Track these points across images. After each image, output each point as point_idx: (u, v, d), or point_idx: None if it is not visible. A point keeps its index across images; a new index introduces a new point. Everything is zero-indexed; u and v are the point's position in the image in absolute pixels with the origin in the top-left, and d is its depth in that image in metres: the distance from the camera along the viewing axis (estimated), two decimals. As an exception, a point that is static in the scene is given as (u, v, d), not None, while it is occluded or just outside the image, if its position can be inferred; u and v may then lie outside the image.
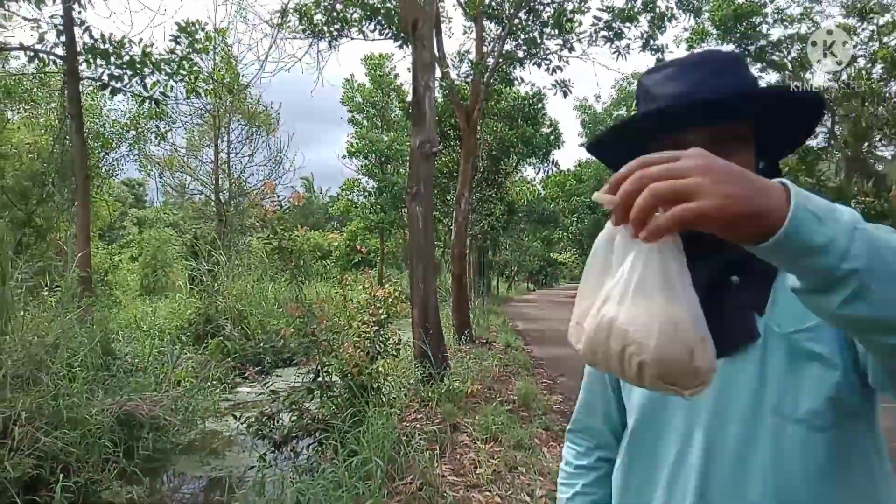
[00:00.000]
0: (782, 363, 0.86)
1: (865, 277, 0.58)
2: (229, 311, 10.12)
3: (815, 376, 0.84)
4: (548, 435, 5.16)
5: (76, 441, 4.40)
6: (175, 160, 15.93)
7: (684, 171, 0.58)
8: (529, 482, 3.97)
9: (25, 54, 7.73)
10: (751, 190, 0.58)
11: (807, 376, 0.85)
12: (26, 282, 5.82)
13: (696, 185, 0.57)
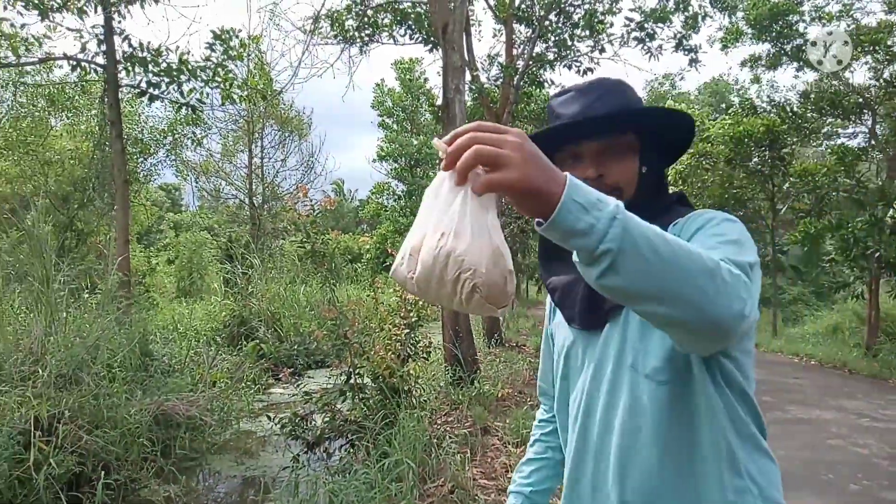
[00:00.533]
0: (637, 328, 1.06)
1: (618, 256, 0.74)
2: (263, 313, 10.27)
3: (657, 339, 1.03)
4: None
5: (116, 440, 4.51)
6: (210, 165, 16.26)
7: (503, 143, 0.73)
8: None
9: (68, 63, 7.98)
10: (544, 174, 0.73)
11: (652, 339, 1.04)
12: (69, 284, 6.00)
13: (508, 157, 0.73)
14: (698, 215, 1.06)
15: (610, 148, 1.13)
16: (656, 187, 1.17)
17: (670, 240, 0.79)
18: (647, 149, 1.15)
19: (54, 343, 4.99)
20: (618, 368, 1.08)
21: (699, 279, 0.79)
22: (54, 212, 10.83)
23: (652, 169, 1.16)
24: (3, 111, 10.94)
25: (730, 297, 0.81)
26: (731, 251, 0.93)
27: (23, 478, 3.79)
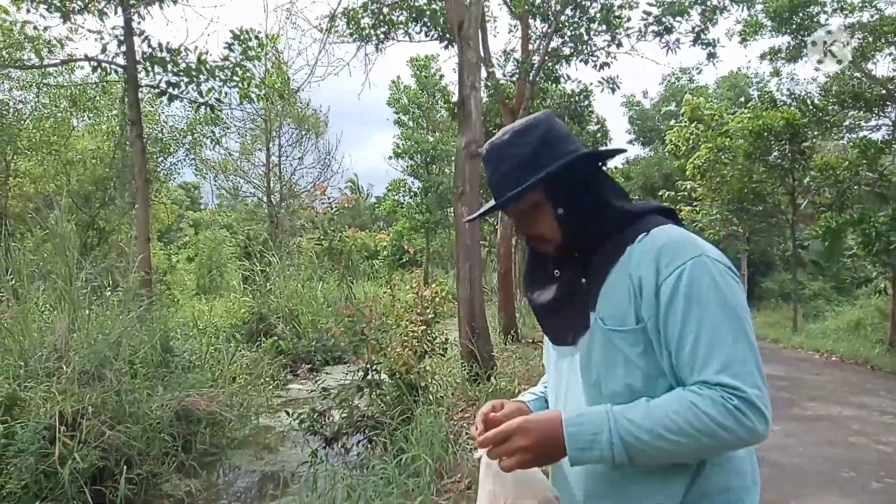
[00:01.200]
0: (602, 350, 1.13)
1: (632, 459, 1.02)
2: (281, 310, 10.36)
3: (620, 366, 1.11)
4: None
5: (138, 435, 4.58)
6: (229, 164, 16.41)
7: (514, 449, 1.06)
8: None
9: (90, 64, 8.10)
10: (547, 445, 1.05)
11: (615, 365, 1.12)
12: (91, 282, 6.09)
13: (522, 457, 1.06)
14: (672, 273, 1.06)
15: (522, 210, 1.23)
16: (587, 219, 1.20)
17: (671, 424, 0.99)
18: (555, 193, 1.20)
19: (77, 340, 5.08)
20: (582, 385, 1.17)
21: (709, 445, 1.00)
22: (76, 211, 11.00)
23: (571, 208, 1.20)
24: (27, 112, 11.13)
25: (741, 438, 1.00)
26: (723, 356, 1.01)
27: (48, 471, 3.87)
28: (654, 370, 1.09)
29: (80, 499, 3.88)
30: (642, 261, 1.09)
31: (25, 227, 8.82)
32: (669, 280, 1.05)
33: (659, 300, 1.06)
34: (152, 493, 4.46)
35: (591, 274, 1.18)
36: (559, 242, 1.22)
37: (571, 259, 1.23)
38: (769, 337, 13.24)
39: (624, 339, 1.10)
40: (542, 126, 1.22)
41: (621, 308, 1.10)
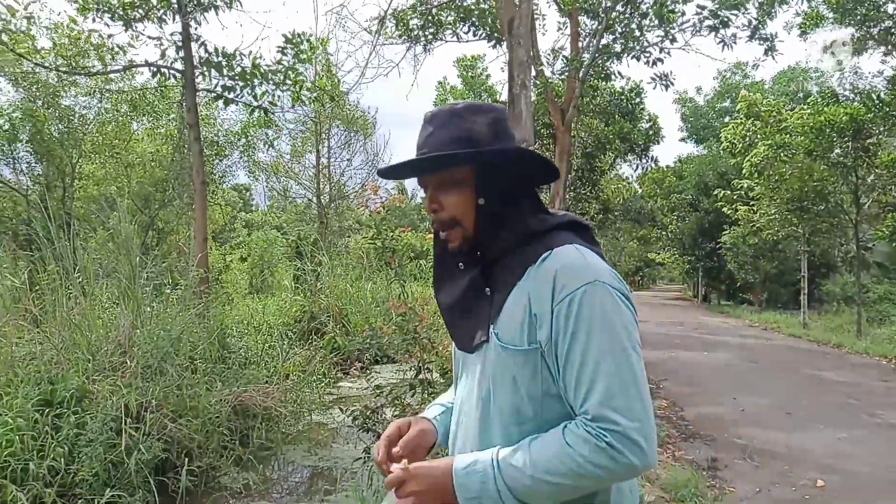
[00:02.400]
0: (494, 365, 1.13)
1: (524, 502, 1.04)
2: (331, 309, 10.52)
3: (508, 385, 1.12)
4: (652, 440, 4.98)
5: (198, 428, 4.72)
6: (280, 166, 16.77)
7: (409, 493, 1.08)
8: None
9: (149, 70, 8.40)
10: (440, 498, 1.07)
11: (504, 383, 1.12)
12: (153, 280, 6.31)
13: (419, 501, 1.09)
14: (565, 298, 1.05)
15: (442, 182, 1.18)
16: (502, 219, 1.17)
17: (550, 467, 1.02)
18: (484, 181, 1.16)
19: (141, 336, 5.27)
20: (475, 396, 1.18)
21: (588, 483, 1.04)
22: (137, 212, 11.43)
23: (492, 201, 1.16)
24: (91, 117, 11.63)
25: (618, 474, 1.02)
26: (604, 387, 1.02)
27: (116, 461, 4.03)
28: (542, 392, 1.10)
29: (145, 488, 4.02)
30: (540, 282, 1.08)
31: (90, 227, 9.21)
32: (562, 305, 1.05)
33: (552, 325, 1.06)
34: (211, 485, 4.58)
35: (497, 284, 1.17)
36: (468, 233, 1.18)
37: (476, 261, 1.22)
38: (831, 342, 12.73)
39: (514, 358, 1.10)
40: (496, 114, 1.20)
41: (516, 326, 1.10)
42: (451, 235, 1.20)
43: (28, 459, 3.76)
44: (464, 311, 1.23)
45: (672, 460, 4.94)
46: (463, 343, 1.24)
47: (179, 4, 7.75)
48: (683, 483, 4.19)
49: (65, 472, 3.84)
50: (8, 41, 7.72)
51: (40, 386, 4.34)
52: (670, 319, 19.16)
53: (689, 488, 4.12)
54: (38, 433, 3.97)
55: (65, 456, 3.90)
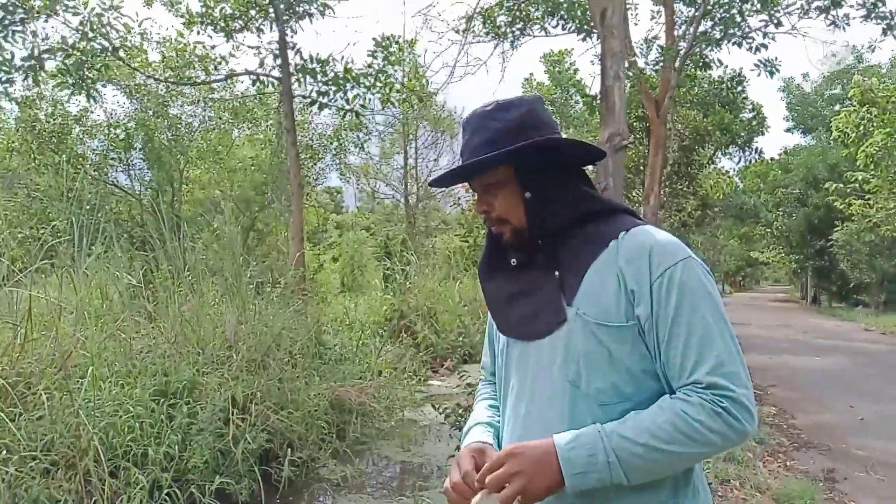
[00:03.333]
0: (582, 345, 1.09)
1: (630, 478, 1.00)
2: (420, 308, 10.66)
3: (605, 363, 1.08)
4: (762, 448, 4.69)
5: (298, 421, 4.89)
6: (370, 167, 17.19)
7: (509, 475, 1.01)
8: (745, 497, 3.62)
9: (249, 78, 8.82)
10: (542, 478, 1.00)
11: (599, 362, 1.08)
12: (255, 279, 6.61)
13: (520, 482, 1.00)
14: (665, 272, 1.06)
15: (486, 185, 1.21)
16: (552, 207, 1.18)
17: (663, 435, 0.99)
18: (525, 175, 1.18)
19: (245, 331, 5.52)
20: (557, 382, 1.12)
21: (702, 450, 1.02)
22: (239, 214, 12.04)
23: (539, 192, 1.18)
24: (196, 125, 12.38)
25: (731, 440, 1.03)
26: (714, 357, 1.02)
27: (224, 450, 4.24)
28: (640, 370, 1.08)
29: (251, 477, 4.20)
30: (632, 258, 1.09)
31: (197, 229, 9.80)
32: (662, 280, 1.06)
33: (651, 300, 1.06)
34: (311, 476, 4.73)
35: (565, 266, 1.16)
36: (521, 228, 1.19)
37: (534, 248, 1.20)
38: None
39: (610, 335, 1.08)
40: (526, 107, 1.21)
41: (608, 304, 1.09)
42: (502, 230, 1.22)
43: (147, 445, 4.01)
44: (525, 297, 1.20)
45: (783, 470, 4.61)
46: (528, 331, 1.19)
47: (276, 14, 8.07)
48: (798, 494, 3.90)
49: (178, 459, 4.07)
50: (124, 56, 8.32)
51: (156, 377, 4.63)
52: (776, 322, 18.03)
53: (804, 500, 3.83)
54: (154, 421, 4.23)
55: (178, 443, 4.13)
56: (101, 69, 7.83)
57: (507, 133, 1.17)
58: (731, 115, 12.70)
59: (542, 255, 1.20)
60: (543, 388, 1.14)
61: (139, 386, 4.47)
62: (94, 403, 4.04)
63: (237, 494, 4.09)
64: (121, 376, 4.62)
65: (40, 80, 8.06)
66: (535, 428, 1.14)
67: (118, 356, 4.86)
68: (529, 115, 1.19)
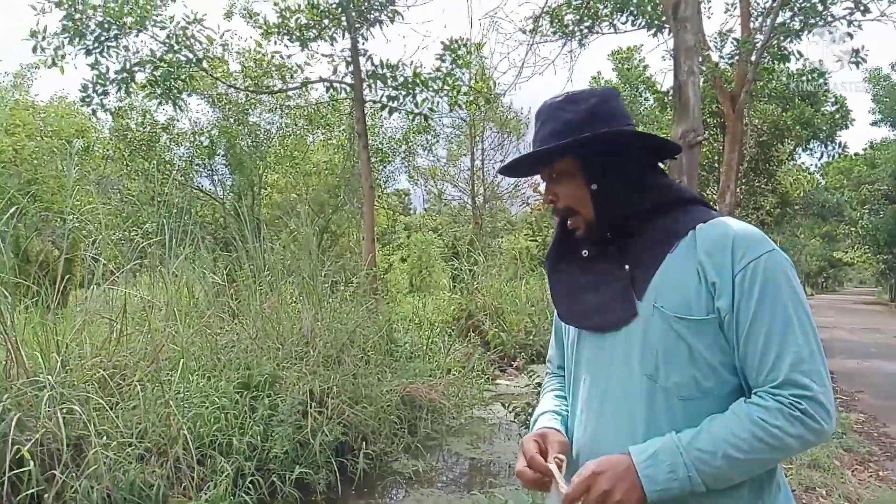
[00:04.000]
0: (660, 339, 1.08)
1: (711, 486, 1.01)
2: (487, 307, 10.72)
3: (684, 357, 1.06)
4: (850, 457, 4.48)
5: (372, 415, 5.05)
6: (437, 170, 17.39)
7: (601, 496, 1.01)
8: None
9: (323, 85, 9.13)
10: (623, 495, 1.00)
11: (678, 355, 1.07)
12: (330, 278, 6.85)
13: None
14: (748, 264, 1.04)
15: (553, 175, 1.21)
16: (621, 200, 1.17)
17: (742, 444, 0.99)
18: (591, 167, 1.17)
19: (321, 328, 5.74)
20: (633, 376, 1.11)
21: (779, 455, 1.03)
22: (314, 216, 12.47)
23: (605, 184, 1.17)
24: (273, 132, 12.91)
25: (810, 442, 1.03)
26: (794, 353, 1.01)
27: (302, 441, 4.43)
28: (720, 363, 1.07)
29: (328, 468, 4.38)
30: (712, 249, 1.07)
31: (274, 230, 10.21)
32: (745, 272, 1.04)
33: (733, 292, 1.04)
34: (384, 469, 4.87)
35: (636, 259, 1.15)
36: (590, 219, 1.19)
37: (605, 240, 1.20)
38: None
39: (690, 328, 1.06)
40: (596, 99, 1.20)
41: (687, 296, 1.07)
42: (574, 223, 1.22)
43: (231, 435, 4.26)
44: (595, 292, 1.20)
45: (875, 480, 4.39)
46: (599, 324, 1.18)
47: (349, 22, 8.34)
48: (892, 506, 3.72)
49: (260, 449, 4.30)
50: (207, 67, 8.79)
51: (239, 371, 4.89)
52: (864, 325, 17.00)
53: (898, 513, 3.65)
54: (238, 412, 4.48)
55: (260, 434, 4.36)
56: (186, 80, 8.31)
57: (576, 124, 1.17)
58: (811, 109, 12.10)
59: (613, 247, 1.19)
60: (618, 381, 1.13)
61: (224, 379, 4.75)
62: (184, 395, 4.32)
63: (315, 484, 4.28)
64: (207, 369, 4.92)
65: (131, 91, 8.65)
66: (610, 423, 1.14)
67: (204, 350, 5.17)
68: (600, 107, 1.19)
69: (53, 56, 7.73)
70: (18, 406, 3.37)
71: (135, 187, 11.62)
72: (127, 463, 3.55)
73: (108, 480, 3.35)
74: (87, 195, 8.49)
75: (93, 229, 5.48)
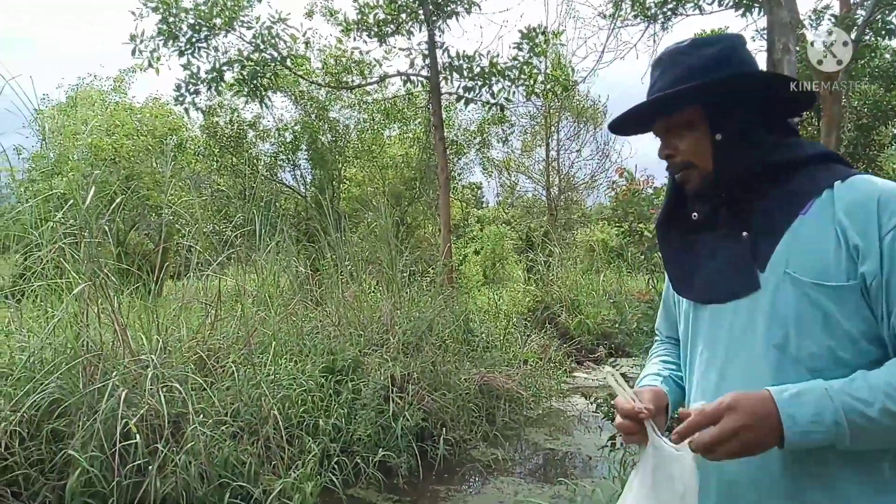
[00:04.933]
0: (793, 307, 0.99)
1: (855, 442, 0.90)
2: (563, 299, 10.59)
3: (819, 326, 0.97)
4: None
5: (450, 402, 5.11)
6: (511, 161, 17.29)
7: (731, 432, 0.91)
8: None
9: (400, 79, 9.26)
10: (758, 435, 0.91)
11: (812, 324, 0.98)
12: (408, 268, 6.97)
13: (744, 438, 0.91)
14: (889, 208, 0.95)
15: (672, 126, 1.13)
16: (745, 153, 1.07)
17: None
18: (716, 115, 1.09)
19: (400, 317, 5.85)
20: (759, 347, 1.03)
21: None
22: (390, 208, 12.70)
23: (731, 134, 1.08)
24: (352, 126, 13.23)
25: None
26: None
27: (385, 425, 4.54)
28: (860, 333, 0.97)
29: (409, 452, 4.47)
30: (854, 210, 0.97)
31: (353, 223, 10.48)
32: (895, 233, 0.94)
33: (881, 255, 0.94)
34: (463, 456, 4.92)
35: (758, 224, 1.06)
36: (709, 174, 1.10)
37: (720, 200, 1.11)
38: None
39: (827, 295, 0.97)
40: (723, 44, 1.10)
41: (824, 260, 0.98)
42: (687, 176, 1.13)
43: (317, 417, 4.42)
44: (712, 259, 1.11)
45: None
46: (715, 293, 1.10)
47: (426, 15, 8.41)
48: None
49: (345, 431, 4.44)
50: (291, 65, 9.11)
51: (323, 356, 5.06)
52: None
53: None
54: (323, 395, 4.64)
55: (344, 416, 4.51)
56: (271, 78, 8.64)
57: (702, 69, 1.08)
58: (921, 87, 11.15)
59: (729, 209, 1.10)
60: (740, 353, 1.05)
61: (310, 363, 4.93)
62: (273, 377, 4.51)
63: (397, 467, 4.38)
64: (294, 354, 5.12)
65: (221, 90, 9.07)
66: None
67: (291, 336, 5.38)
68: (728, 53, 1.09)
69: (150, 58, 8.23)
70: (125, 383, 3.61)
71: (224, 182, 12.21)
72: (221, 440, 3.74)
73: (204, 456, 3.55)
74: (181, 190, 9.01)
75: (186, 222, 5.78)
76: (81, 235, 3.95)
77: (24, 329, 4.08)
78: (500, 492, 4.30)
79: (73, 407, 3.40)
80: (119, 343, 3.96)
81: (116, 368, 3.67)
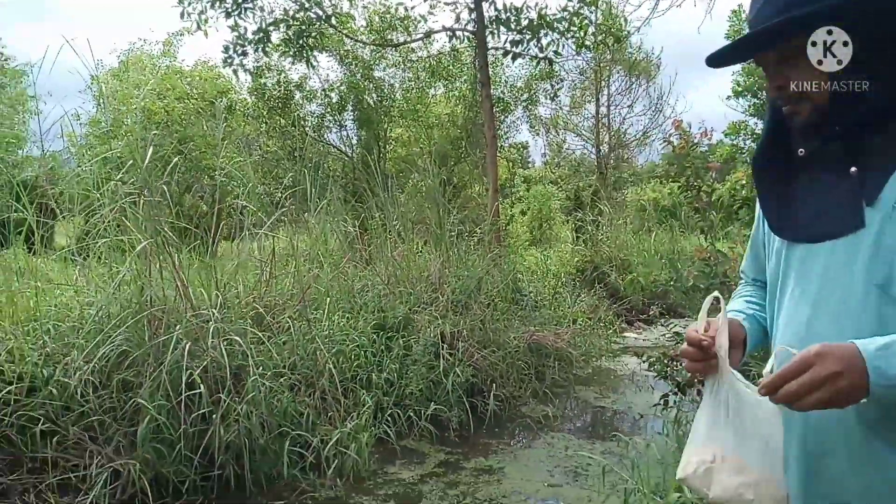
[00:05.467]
0: None
1: None
2: (614, 259, 10.44)
3: None
4: None
5: (500, 360, 5.15)
6: (559, 119, 16.91)
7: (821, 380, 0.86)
8: None
9: (445, 35, 9.09)
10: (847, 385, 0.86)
11: None
12: (456, 227, 6.96)
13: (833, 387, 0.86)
14: None
15: (784, 56, 1.03)
16: (869, 85, 0.97)
17: None
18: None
19: (448, 275, 5.87)
20: (858, 286, 0.97)
21: None
22: (437, 168, 12.63)
23: (851, 65, 0.97)
24: (396, 86, 13.11)
25: None
26: None
27: (435, 380, 4.62)
28: None
29: (460, 407, 4.54)
30: None
31: (399, 183, 10.48)
32: None
33: None
34: (513, 412, 4.97)
35: (867, 158, 0.98)
36: (823, 106, 1.00)
37: (830, 135, 1.02)
38: None
39: None
40: None
41: None
42: (798, 109, 1.05)
43: (370, 371, 4.52)
44: (814, 197, 1.06)
45: None
46: (815, 231, 1.04)
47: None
48: None
49: (397, 385, 4.53)
50: (336, 24, 9.04)
51: (374, 313, 5.14)
52: None
53: None
54: (375, 351, 4.74)
55: (396, 371, 4.59)
56: (316, 37, 8.61)
57: None
58: None
59: (839, 145, 1.03)
60: (835, 292, 1.00)
61: (361, 320, 5.02)
62: (327, 332, 4.62)
63: (448, 421, 4.46)
64: (346, 311, 5.21)
65: (268, 50, 9.10)
66: (822, 335, 0.99)
67: (343, 294, 5.47)
68: None
69: (198, 20, 8.29)
70: (188, 336, 3.75)
71: (272, 144, 12.33)
72: (280, 392, 3.87)
73: (264, 406, 3.68)
74: (232, 152, 9.16)
75: (238, 184, 5.88)
76: (141, 195, 4.07)
77: (92, 285, 4.26)
78: (551, 446, 4.33)
79: (140, 359, 3.56)
80: (181, 298, 4.10)
81: (179, 322, 3.80)
